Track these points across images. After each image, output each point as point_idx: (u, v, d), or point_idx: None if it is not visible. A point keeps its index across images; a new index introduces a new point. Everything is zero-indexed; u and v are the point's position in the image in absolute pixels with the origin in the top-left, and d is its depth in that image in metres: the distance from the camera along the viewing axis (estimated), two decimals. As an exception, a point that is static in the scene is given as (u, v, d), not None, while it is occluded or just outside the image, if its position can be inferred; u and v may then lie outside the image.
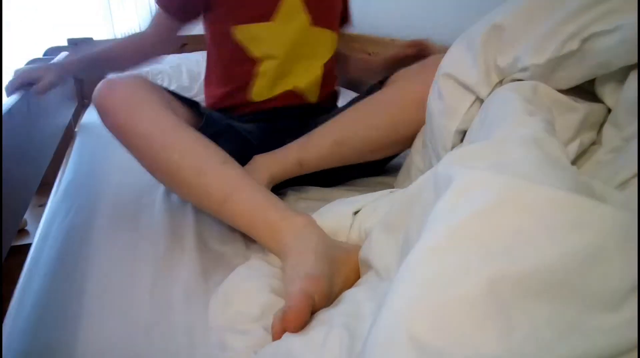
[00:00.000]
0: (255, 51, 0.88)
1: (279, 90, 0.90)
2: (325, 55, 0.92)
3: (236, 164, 0.67)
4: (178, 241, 0.68)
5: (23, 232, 1.27)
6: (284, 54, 0.88)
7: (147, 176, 0.92)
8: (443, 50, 0.71)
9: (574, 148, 0.54)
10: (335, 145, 0.77)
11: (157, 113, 0.67)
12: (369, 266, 0.50)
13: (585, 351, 0.26)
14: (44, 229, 0.76)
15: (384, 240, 0.49)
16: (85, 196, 0.85)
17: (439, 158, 0.70)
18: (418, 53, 0.95)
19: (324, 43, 0.92)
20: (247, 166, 0.77)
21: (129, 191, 0.86)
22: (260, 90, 0.90)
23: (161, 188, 0.86)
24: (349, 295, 0.47)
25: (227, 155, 0.68)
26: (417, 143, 0.82)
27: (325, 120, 0.82)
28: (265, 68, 0.88)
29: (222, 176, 0.64)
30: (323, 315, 0.45)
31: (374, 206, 0.62)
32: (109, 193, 0.86)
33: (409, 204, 0.47)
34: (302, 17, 0.87)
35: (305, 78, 0.91)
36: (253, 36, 0.87)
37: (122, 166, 0.96)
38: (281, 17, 0.86)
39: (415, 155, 0.81)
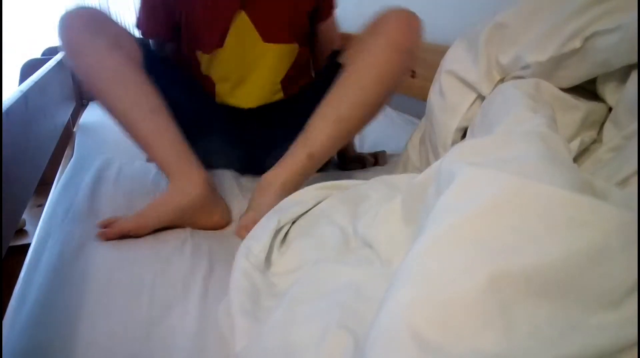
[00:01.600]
0: (213, 75, 0.91)
1: (237, 103, 0.92)
2: (282, 68, 0.93)
3: (163, 114, 0.73)
4: (178, 240, 0.68)
5: (22, 232, 1.27)
6: (237, 75, 0.90)
7: (147, 175, 0.92)
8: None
9: (574, 146, 0.54)
10: (338, 122, 0.76)
11: (99, 57, 0.72)
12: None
13: (585, 349, 0.26)
14: (42, 229, 0.76)
15: (394, 229, 0.49)
16: (84, 196, 0.85)
17: (437, 155, 0.70)
18: (375, 162, 1.02)
19: (280, 57, 0.92)
20: (257, 185, 0.76)
21: (128, 191, 0.86)
22: (220, 99, 0.93)
23: (161, 187, 0.86)
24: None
25: (158, 103, 0.74)
26: (414, 139, 0.82)
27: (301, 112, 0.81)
28: (220, 90, 0.92)
29: (145, 125, 0.72)
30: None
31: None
32: (107, 193, 0.85)
33: (417, 196, 0.47)
34: (252, 36, 0.88)
35: (259, 94, 0.92)
36: (207, 63, 0.90)
37: (121, 165, 0.96)
38: (231, 40, 0.87)
39: (411, 151, 0.81)
